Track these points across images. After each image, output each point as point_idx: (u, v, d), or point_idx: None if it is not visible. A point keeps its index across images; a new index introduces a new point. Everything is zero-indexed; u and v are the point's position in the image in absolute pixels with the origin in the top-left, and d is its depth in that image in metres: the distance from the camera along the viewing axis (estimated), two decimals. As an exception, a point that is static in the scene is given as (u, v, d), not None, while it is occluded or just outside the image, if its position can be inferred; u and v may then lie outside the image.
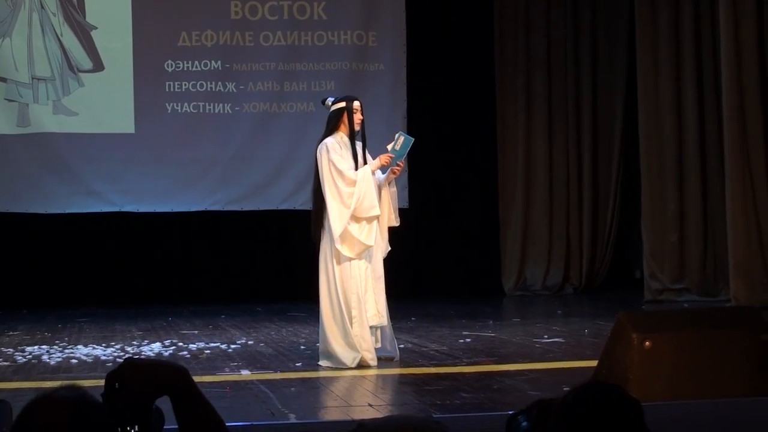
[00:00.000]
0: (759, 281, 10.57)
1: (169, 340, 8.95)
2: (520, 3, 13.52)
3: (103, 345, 8.65)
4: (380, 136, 13.01)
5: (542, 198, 13.58)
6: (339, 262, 7.37)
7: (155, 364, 2.10)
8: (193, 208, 12.66)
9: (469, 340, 8.73)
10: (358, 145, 7.62)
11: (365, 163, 7.54)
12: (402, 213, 13.03)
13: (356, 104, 7.63)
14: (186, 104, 12.72)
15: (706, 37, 11.87)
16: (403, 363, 7.48)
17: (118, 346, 8.56)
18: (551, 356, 7.70)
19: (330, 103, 7.66)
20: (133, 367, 2.03)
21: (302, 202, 12.88)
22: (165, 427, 2.08)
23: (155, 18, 12.63)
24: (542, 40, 13.55)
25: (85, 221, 12.43)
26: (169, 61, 12.69)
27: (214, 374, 6.99)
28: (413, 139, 7.64)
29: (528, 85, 13.51)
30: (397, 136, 7.70)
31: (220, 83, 12.79)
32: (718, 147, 11.38)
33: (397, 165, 7.63)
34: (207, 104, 12.76)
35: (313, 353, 8.09)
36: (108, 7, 12.59)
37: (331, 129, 7.59)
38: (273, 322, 10.40)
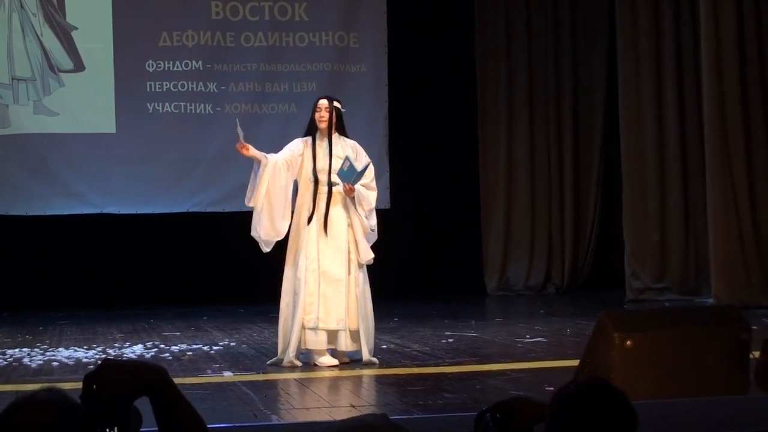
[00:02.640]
0: (739, 280, 10.61)
1: (150, 342, 8.93)
2: (500, 3, 13.53)
3: (85, 347, 8.62)
4: (362, 136, 13.03)
5: (524, 198, 13.60)
6: (287, 265, 7.56)
7: (134, 364, 2.10)
8: (175, 210, 12.62)
9: (451, 340, 8.74)
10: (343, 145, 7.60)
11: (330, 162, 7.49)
12: (384, 213, 13.06)
13: (320, 103, 7.63)
14: (167, 104, 12.68)
15: (686, 36, 11.91)
16: (386, 363, 7.47)
17: (99, 349, 8.53)
18: (533, 356, 7.71)
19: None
20: (111, 367, 2.02)
21: (284, 202, 12.89)
22: (145, 429, 2.08)
23: (136, 18, 12.59)
24: (523, 41, 13.57)
25: (65, 223, 12.38)
26: (150, 62, 12.66)
27: (197, 376, 6.98)
28: (357, 171, 7.48)
29: (509, 86, 13.53)
30: (346, 159, 7.53)
31: (201, 83, 12.76)
32: (699, 146, 11.42)
33: (347, 185, 7.49)
34: (188, 104, 12.73)
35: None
36: (88, 7, 12.54)
37: (306, 129, 7.67)
38: (255, 324, 10.38)
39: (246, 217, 12.99)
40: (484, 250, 13.58)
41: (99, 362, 2.09)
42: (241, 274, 12.65)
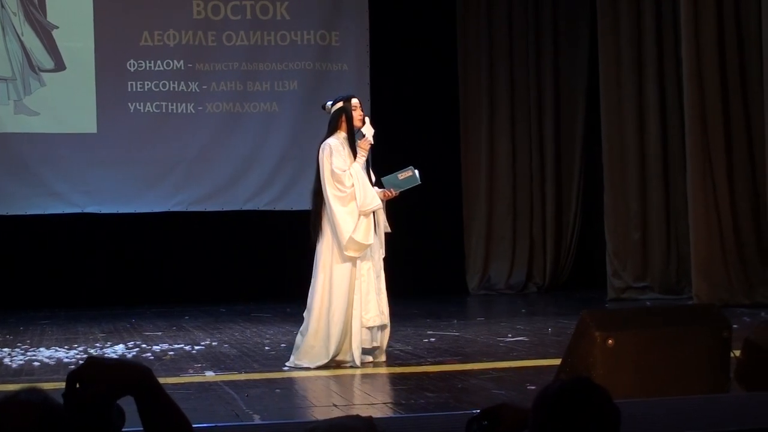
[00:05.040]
0: (720, 279, 10.66)
1: (132, 342, 8.90)
2: (482, 4, 13.55)
3: (66, 347, 8.59)
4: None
5: (506, 197, 13.62)
6: (341, 262, 7.33)
7: (118, 363, 2.09)
8: (156, 209, 12.60)
9: (433, 339, 8.75)
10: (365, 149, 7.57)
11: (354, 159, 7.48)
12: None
13: (354, 101, 7.62)
14: (148, 104, 12.65)
15: (668, 36, 11.96)
16: (368, 363, 7.47)
17: (80, 348, 8.50)
18: (515, 355, 7.72)
19: (329, 107, 7.66)
20: (95, 366, 2.01)
21: (266, 202, 12.88)
22: (129, 428, 2.07)
23: (117, 17, 12.56)
24: (505, 39, 13.59)
25: (46, 223, 12.34)
26: (132, 61, 12.63)
27: (178, 376, 6.96)
28: (419, 183, 7.76)
29: (491, 85, 13.55)
30: (409, 168, 7.72)
31: (182, 83, 12.74)
32: (680, 146, 11.46)
33: (390, 191, 7.62)
34: (170, 104, 12.71)
35: (277, 354, 8.08)
36: (69, 6, 12.50)
37: (331, 130, 7.57)
38: (237, 323, 10.37)
39: (227, 216, 13.04)
40: (465, 250, 13.60)
41: (82, 361, 2.08)
42: (222, 274, 12.65)
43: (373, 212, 7.43)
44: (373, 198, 7.38)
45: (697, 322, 5.45)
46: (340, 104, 7.61)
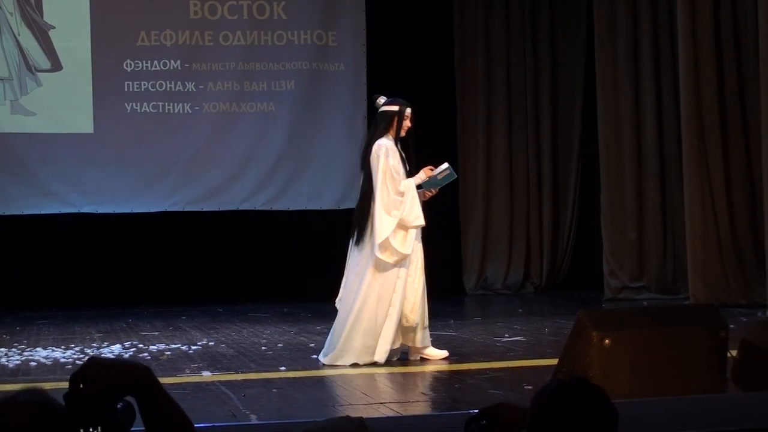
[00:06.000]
0: (717, 279, 10.66)
1: (129, 342, 8.90)
2: (479, 3, 13.55)
3: (63, 347, 8.58)
4: (341, 136, 13.10)
5: (503, 197, 13.62)
6: (390, 264, 7.35)
7: (119, 363, 2.09)
8: (153, 209, 12.59)
9: (430, 339, 8.73)
10: None
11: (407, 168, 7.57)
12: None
13: (408, 111, 7.69)
14: (145, 104, 12.64)
15: (664, 37, 11.97)
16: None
17: (77, 348, 8.50)
18: (512, 355, 7.73)
19: (381, 103, 7.66)
20: (96, 366, 2.02)
21: (263, 202, 12.88)
22: (133, 429, 2.07)
23: (114, 17, 12.55)
24: (501, 41, 13.59)
25: (43, 222, 12.33)
26: (128, 61, 12.61)
27: (175, 375, 6.96)
28: (456, 177, 7.89)
29: (487, 86, 13.55)
30: (445, 166, 7.75)
31: (179, 83, 12.73)
32: (677, 147, 11.46)
33: (430, 191, 7.67)
34: (166, 104, 12.70)
35: (274, 354, 8.08)
36: (66, 6, 12.49)
37: (381, 130, 7.56)
38: (234, 323, 10.37)
39: (224, 216, 13.03)
40: (462, 250, 13.59)
41: (78, 363, 2.08)
42: (219, 274, 12.65)
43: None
44: (417, 216, 7.40)
45: (693, 322, 5.46)
46: (396, 107, 7.66)
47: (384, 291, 7.33)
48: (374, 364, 7.26)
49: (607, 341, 5.03)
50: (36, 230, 12.37)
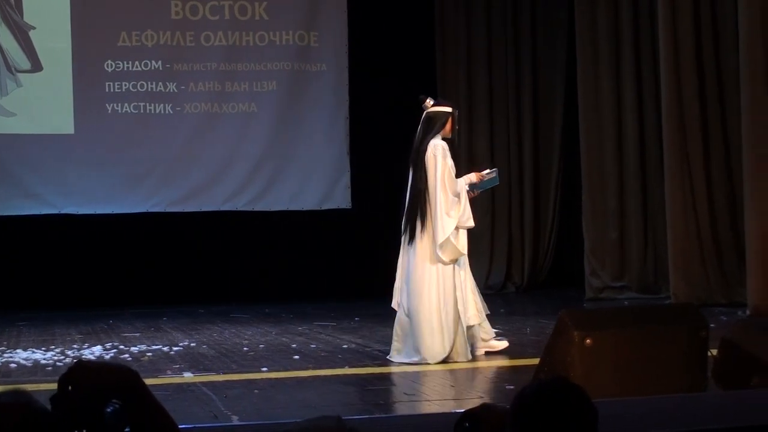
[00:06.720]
0: (698, 279, 10.70)
1: (110, 343, 8.87)
2: (460, 4, 13.56)
3: (43, 349, 8.54)
4: (323, 136, 13.09)
5: (484, 196, 13.60)
6: (445, 263, 7.46)
7: (107, 366, 2.09)
8: (135, 210, 12.55)
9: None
10: None
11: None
12: (345, 214, 13.14)
13: (457, 113, 7.81)
14: (126, 105, 12.60)
15: (645, 37, 12.00)
16: (347, 363, 7.48)
17: (57, 350, 8.46)
18: (494, 355, 7.73)
19: (430, 104, 7.69)
20: (84, 369, 2.02)
21: (245, 203, 12.86)
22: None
23: (95, 18, 12.50)
24: (483, 41, 13.60)
25: (24, 224, 12.27)
26: (109, 61, 12.57)
27: (156, 377, 6.94)
28: (498, 183, 8.19)
29: (469, 85, 13.56)
30: (491, 170, 7.98)
31: (160, 83, 12.69)
32: (658, 145, 11.50)
33: (474, 192, 7.87)
34: (148, 105, 12.66)
35: (256, 354, 8.07)
36: (46, 6, 12.44)
37: (436, 130, 7.61)
38: (215, 324, 10.34)
39: (205, 216, 13.00)
40: (444, 250, 13.57)
41: (59, 365, 2.08)
42: (201, 275, 12.61)
43: None
44: (469, 217, 7.60)
45: (674, 321, 5.47)
46: (449, 108, 7.77)
47: (447, 290, 7.44)
48: (444, 362, 7.33)
49: (588, 341, 5.04)
50: (16, 231, 12.31)
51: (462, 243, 7.54)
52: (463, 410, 2.54)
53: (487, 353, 7.63)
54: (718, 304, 10.40)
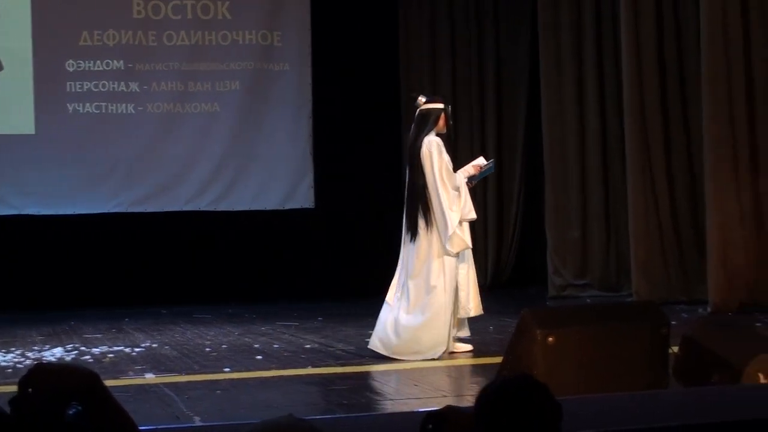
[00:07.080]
0: (659, 277, 10.77)
1: (71, 345, 8.81)
2: (424, 4, 13.57)
3: (3, 351, 8.46)
4: (286, 136, 13.06)
5: (448, 196, 13.63)
6: (449, 257, 7.54)
7: (67, 368, 2.07)
8: (96, 210, 12.47)
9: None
10: None
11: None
12: (308, 213, 13.12)
13: (449, 108, 7.86)
14: (88, 104, 12.52)
15: (607, 35, 12.07)
16: (310, 362, 7.47)
17: (18, 352, 8.38)
18: (457, 354, 7.74)
19: (423, 101, 7.72)
20: (44, 371, 2.00)
21: (207, 203, 12.81)
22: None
23: (55, 17, 12.41)
24: (446, 39, 13.62)
25: (-16, 224, 12.17)
26: (71, 61, 12.48)
27: (118, 378, 6.89)
28: (494, 170, 8.44)
29: (433, 85, 13.56)
30: (487, 162, 8.14)
31: (122, 83, 12.62)
32: (620, 145, 11.57)
33: (471, 183, 7.94)
34: (109, 104, 12.58)
35: (219, 355, 8.04)
36: (6, 5, 12.33)
37: (429, 127, 7.65)
38: (177, 325, 10.30)
39: (168, 216, 12.93)
40: (408, 249, 13.58)
41: (19, 367, 2.06)
42: (163, 275, 12.54)
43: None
44: (471, 210, 7.72)
45: (636, 319, 5.50)
46: (440, 105, 7.79)
47: (449, 284, 7.50)
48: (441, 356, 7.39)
49: (550, 339, 5.06)
50: (-24, 232, 12.20)
51: (467, 235, 7.65)
52: (426, 409, 2.54)
53: (452, 353, 7.65)
54: (680, 302, 10.47)
